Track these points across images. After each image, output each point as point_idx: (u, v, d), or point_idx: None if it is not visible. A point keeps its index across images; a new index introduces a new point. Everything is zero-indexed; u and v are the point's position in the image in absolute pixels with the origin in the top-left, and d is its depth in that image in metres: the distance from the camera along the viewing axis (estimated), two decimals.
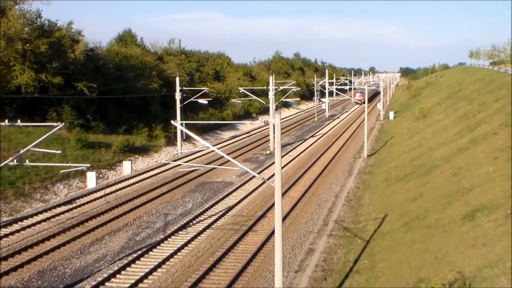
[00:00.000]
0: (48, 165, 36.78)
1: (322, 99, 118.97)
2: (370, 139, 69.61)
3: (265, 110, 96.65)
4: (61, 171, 37.92)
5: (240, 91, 77.87)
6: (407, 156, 48.78)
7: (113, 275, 24.70)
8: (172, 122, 25.15)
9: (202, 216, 34.72)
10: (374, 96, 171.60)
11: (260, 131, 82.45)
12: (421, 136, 57.58)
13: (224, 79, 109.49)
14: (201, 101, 58.96)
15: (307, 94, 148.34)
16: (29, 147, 23.81)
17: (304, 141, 70.99)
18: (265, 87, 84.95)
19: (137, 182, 44.45)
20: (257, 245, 28.52)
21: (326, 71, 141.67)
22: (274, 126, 19.86)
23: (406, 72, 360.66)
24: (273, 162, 46.13)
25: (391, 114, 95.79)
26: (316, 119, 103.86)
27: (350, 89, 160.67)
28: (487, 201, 24.36)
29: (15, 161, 22.32)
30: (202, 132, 69.64)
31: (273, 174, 31.63)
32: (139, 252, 27.49)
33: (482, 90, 69.87)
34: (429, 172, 37.11)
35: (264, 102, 79.43)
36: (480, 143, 37.87)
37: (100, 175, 45.98)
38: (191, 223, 32.99)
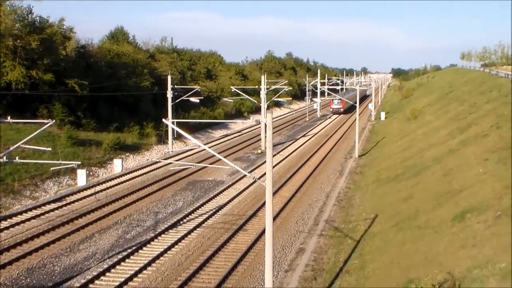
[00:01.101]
0: (38, 162, 36.64)
1: (314, 99, 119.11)
2: (361, 139, 69.75)
3: (256, 109, 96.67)
4: (51, 169, 37.85)
5: (232, 90, 77.80)
6: (398, 156, 48.91)
7: (102, 273, 24.60)
8: (163, 120, 25.07)
9: (192, 214, 34.64)
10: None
11: (252, 130, 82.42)
12: (412, 137, 57.75)
13: (216, 78, 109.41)
14: (192, 99, 58.80)
15: (299, 94, 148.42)
16: (19, 144, 23.68)
17: (295, 141, 71.03)
18: (257, 86, 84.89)
19: (127, 180, 44.29)
20: (247, 244, 28.50)
21: (318, 71, 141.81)
22: (265, 125, 19.84)
23: (397, 73, 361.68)
24: (264, 161, 46.11)
25: (383, 115, 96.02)
26: (307, 119, 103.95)
27: (342, 89, 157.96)
28: (477, 202, 24.45)
29: (5, 157, 22.18)
30: (193, 130, 69.56)
31: (264, 173, 31.62)
32: (129, 251, 27.40)
33: (473, 91, 70.19)
34: (419, 173, 37.22)
35: (255, 101, 79.39)
36: (470, 144, 38.02)
37: (91, 173, 45.79)
38: (181, 222, 32.92)
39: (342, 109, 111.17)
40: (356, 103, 64.65)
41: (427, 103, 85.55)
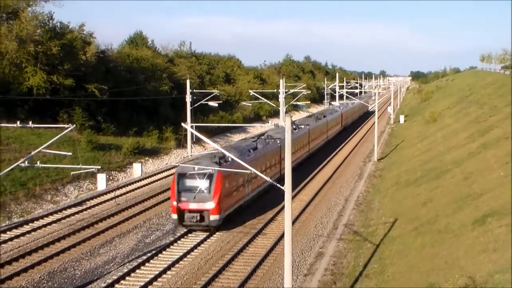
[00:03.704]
0: (58, 167, 37.03)
1: (333, 103, 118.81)
2: (380, 142, 69.41)
3: (275, 113, 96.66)
4: (72, 173, 38.22)
5: (251, 94, 77.87)
6: (417, 160, 48.61)
7: (122, 277, 24.76)
8: (182, 124, 25.24)
9: None
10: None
11: None
12: (432, 140, 57.36)
13: (235, 82, 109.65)
14: (211, 103, 58.96)
15: (317, 97, 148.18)
16: (40, 148, 23.95)
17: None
18: (275, 90, 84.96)
19: (147, 184, 44.53)
20: (266, 248, 28.51)
21: (337, 74, 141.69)
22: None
23: (416, 76, 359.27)
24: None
25: (402, 118, 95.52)
26: None
27: (361, 92, 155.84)
28: (498, 206, 24.22)
29: (26, 162, 22.44)
30: (212, 134, 69.71)
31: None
32: (149, 254, 27.55)
33: (494, 94, 69.50)
34: (439, 177, 36.96)
35: (274, 105, 79.48)
36: (491, 147, 37.67)
37: (110, 177, 46.14)
38: None
39: (217, 217, 30.90)
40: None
41: (446, 106, 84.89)
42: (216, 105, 63.86)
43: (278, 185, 19.17)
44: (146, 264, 26.68)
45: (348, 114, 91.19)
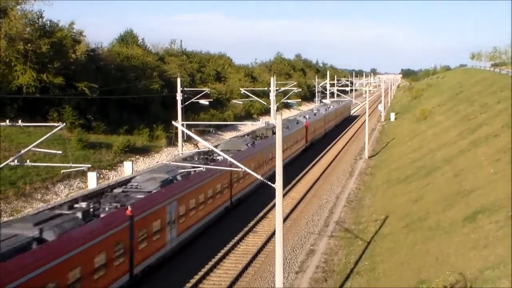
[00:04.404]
0: (49, 165, 36.82)
1: (323, 100, 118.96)
2: (371, 140, 69.56)
3: (266, 111, 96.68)
4: (62, 171, 37.95)
5: (241, 92, 77.87)
6: (408, 157, 48.74)
7: None
8: (173, 122, 25.16)
9: None
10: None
11: None
12: (422, 137, 57.53)
13: (225, 80, 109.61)
14: (202, 102, 58.86)
15: (308, 95, 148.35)
16: (30, 147, 23.81)
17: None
18: (266, 88, 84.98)
19: None
20: (257, 246, 28.50)
21: (328, 72, 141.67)
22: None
23: (407, 74, 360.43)
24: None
25: (392, 116, 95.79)
26: None
27: (351, 90, 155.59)
28: (489, 203, 24.32)
29: (16, 161, 22.31)
30: (203, 133, 69.59)
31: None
32: None
33: (484, 91, 69.82)
34: (430, 174, 37.08)
35: (265, 103, 79.48)
36: (481, 145, 37.83)
37: (101, 176, 45.93)
38: None
39: None
40: None
41: (437, 104, 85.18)
42: (207, 103, 63.75)
43: (269, 182, 19.14)
44: None
45: (318, 125, 70.69)
